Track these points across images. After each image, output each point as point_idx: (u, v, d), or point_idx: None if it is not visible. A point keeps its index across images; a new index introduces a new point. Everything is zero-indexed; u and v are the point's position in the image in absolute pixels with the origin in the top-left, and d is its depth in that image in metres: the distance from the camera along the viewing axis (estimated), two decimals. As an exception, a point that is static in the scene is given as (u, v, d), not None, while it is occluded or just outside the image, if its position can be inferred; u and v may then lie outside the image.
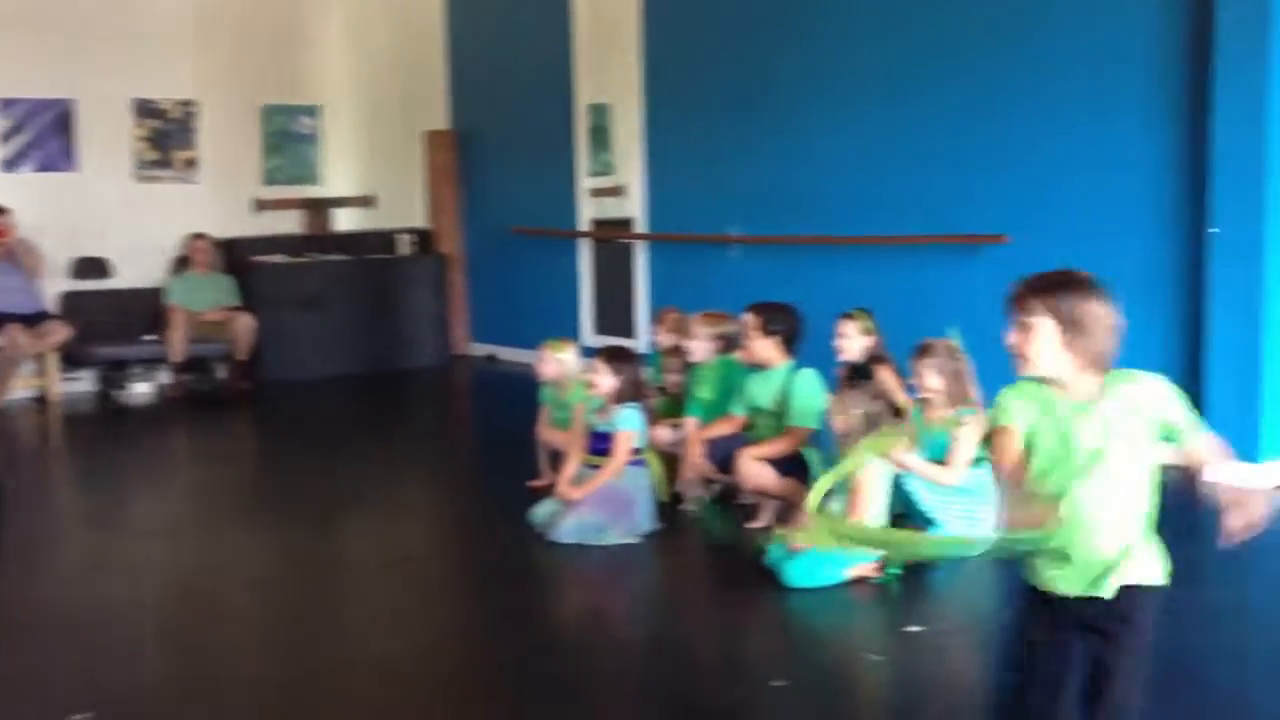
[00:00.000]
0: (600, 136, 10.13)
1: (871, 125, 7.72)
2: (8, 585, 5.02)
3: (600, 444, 5.48)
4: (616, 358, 5.57)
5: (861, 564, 4.65)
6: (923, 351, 5.03)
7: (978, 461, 4.98)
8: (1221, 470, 2.69)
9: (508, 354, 10.61)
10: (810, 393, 5.52)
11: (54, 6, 9.93)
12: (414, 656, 4.17)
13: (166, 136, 10.62)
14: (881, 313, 6.16)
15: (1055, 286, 2.58)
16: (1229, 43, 5.75)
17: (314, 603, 4.83)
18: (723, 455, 5.65)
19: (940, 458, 4.97)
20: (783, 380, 5.59)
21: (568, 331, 7.92)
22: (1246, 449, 5.34)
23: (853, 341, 5.83)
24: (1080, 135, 6.57)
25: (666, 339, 6.67)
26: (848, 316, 5.87)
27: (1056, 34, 6.65)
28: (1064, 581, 2.53)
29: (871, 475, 4.71)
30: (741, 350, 5.76)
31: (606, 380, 5.46)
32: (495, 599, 4.83)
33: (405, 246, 11.15)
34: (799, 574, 4.60)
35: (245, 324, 9.86)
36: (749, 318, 5.69)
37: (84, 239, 10.05)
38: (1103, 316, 2.54)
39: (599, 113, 10.09)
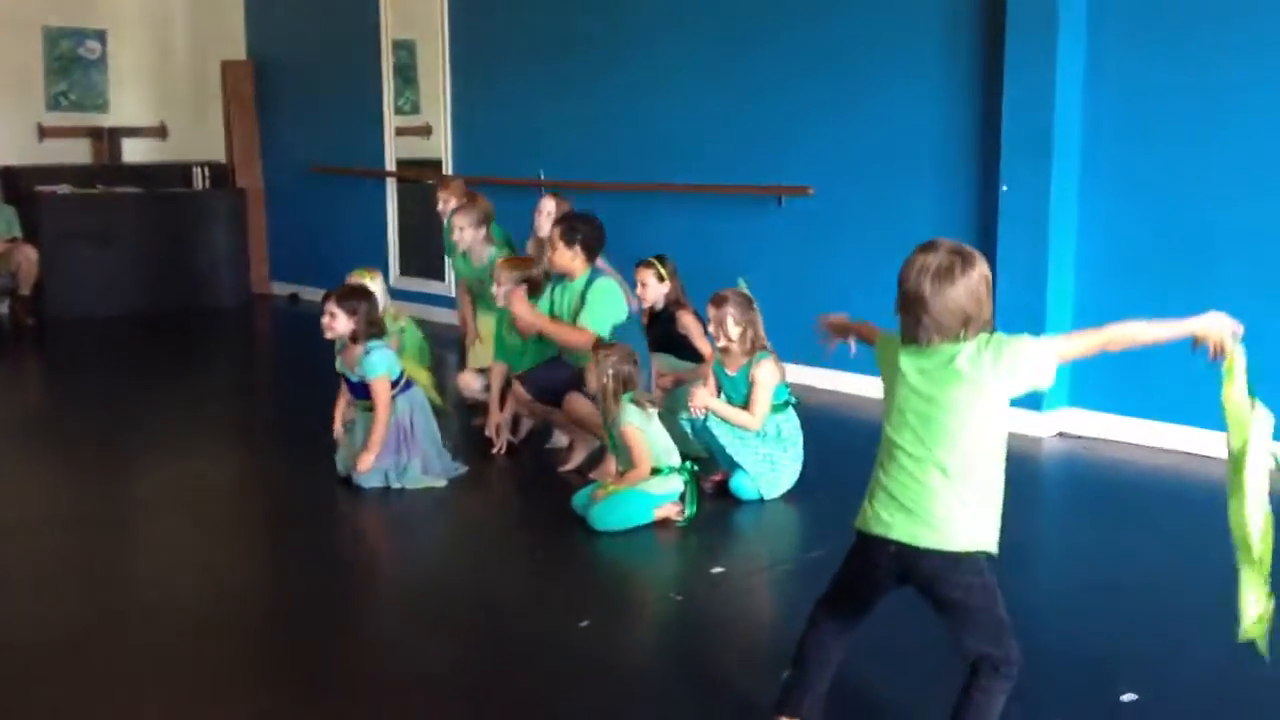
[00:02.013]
0: (407, 74, 9.95)
1: (681, 75, 7.80)
2: None
3: (362, 391, 5.32)
4: (350, 297, 5.29)
5: (667, 504, 4.78)
6: (719, 302, 5.13)
7: (778, 407, 5.15)
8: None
9: (311, 294, 10.39)
10: (606, 300, 5.47)
11: None
12: (202, 600, 4.10)
13: (-62, 55, 9.99)
14: (689, 261, 6.27)
15: None
16: (1019, 9, 6.00)
17: (97, 546, 4.68)
18: (538, 389, 5.65)
19: (741, 404, 5.11)
20: (581, 288, 5.55)
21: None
22: (1031, 399, 5.66)
23: (651, 289, 5.91)
24: (882, 94, 6.78)
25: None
26: (645, 264, 5.96)
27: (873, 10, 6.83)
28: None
29: (634, 431, 4.80)
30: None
31: (341, 322, 5.24)
32: (291, 543, 4.77)
33: (200, 180, 10.76)
34: (605, 517, 4.70)
35: (28, 257, 9.39)
36: (552, 229, 5.70)
37: None
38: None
39: (405, 49, 9.89)
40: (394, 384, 5.32)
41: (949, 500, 2.62)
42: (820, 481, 5.24)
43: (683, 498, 4.85)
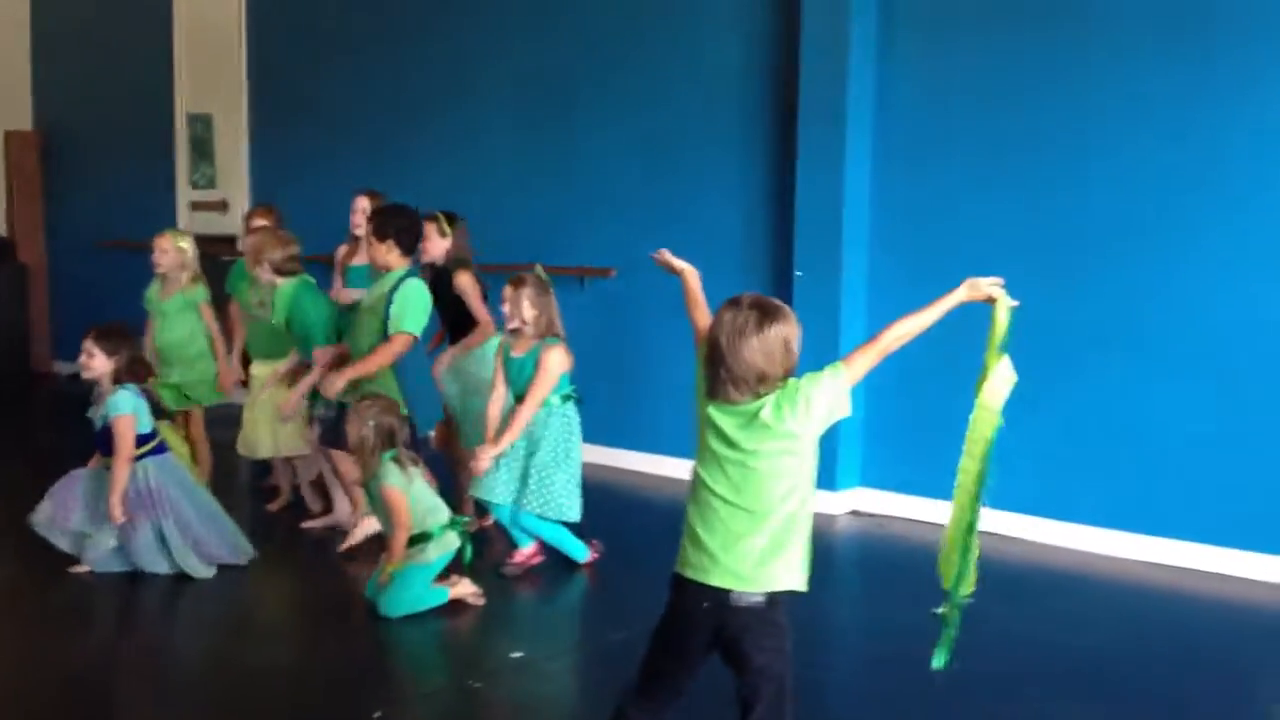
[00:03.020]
0: (203, 148, 9.71)
1: (485, 153, 7.83)
2: None
3: (106, 442, 4.96)
4: (110, 335, 4.98)
5: (462, 583, 4.69)
6: (517, 283, 5.07)
7: (564, 398, 5.12)
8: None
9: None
10: (416, 300, 5.25)
11: None
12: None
13: None
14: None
15: None
16: (810, 100, 6.23)
17: None
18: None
19: (524, 386, 5.04)
20: (390, 286, 5.28)
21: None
22: (825, 479, 5.78)
23: (433, 244, 5.67)
24: (684, 179, 6.94)
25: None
26: (430, 217, 5.70)
27: (666, 84, 7.00)
28: None
29: (395, 493, 4.63)
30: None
31: (98, 361, 4.94)
32: (51, 646, 4.50)
33: (-19, 253, 10.26)
34: (395, 603, 4.57)
35: None
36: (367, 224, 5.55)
37: None
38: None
39: (201, 123, 9.67)
40: (143, 438, 4.98)
41: (762, 546, 2.64)
42: (621, 562, 5.23)
43: (460, 555, 4.74)
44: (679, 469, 6.88)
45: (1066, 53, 5.63)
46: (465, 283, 5.61)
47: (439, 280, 5.67)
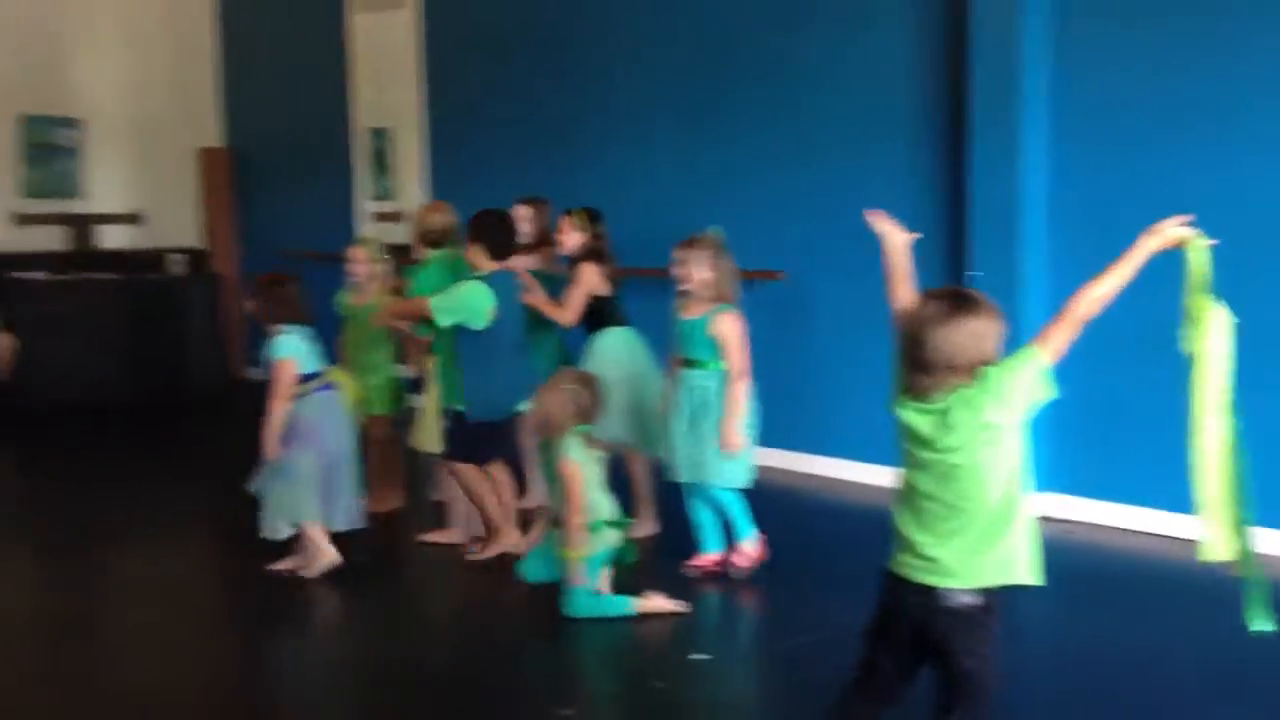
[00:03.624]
0: (381, 161, 10.05)
1: (655, 160, 7.92)
2: None
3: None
4: (265, 284, 5.30)
5: (655, 597, 4.68)
6: (691, 244, 5.05)
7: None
8: None
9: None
10: (465, 295, 5.24)
11: None
12: (167, 690, 4.09)
13: (-86, 144, 10.01)
14: (658, 344, 6.26)
15: None
16: (983, 94, 6.15)
17: (67, 640, 4.66)
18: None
19: (698, 348, 5.05)
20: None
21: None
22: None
23: (568, 237, 5.84)
24: (853, 181, 6.90)
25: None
26: (566, 213, 5.91)
27: (832, 85, 6.98)
28: None
29: (574, 467, 4.64)
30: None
31: (251, 304, 5.22)
32: (266, 638, 4.75)
33: (177, 266, 10.79)
34: (574, 601, 4.63)
35: (4, 344, 9.35)
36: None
37: None
38: None
39: (379, 136, 10.01)
40: (307, 377, 5.16)
41: (971, 541, 2.64)
42: (801, 567, 5.25)
43: (620, 557, 4.76)
44: (849, 471, 6.89)
45: (1260, 22, 5.39)
46: (581, 271, 5.70)
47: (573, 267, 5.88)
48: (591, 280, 5.71)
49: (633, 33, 8.04)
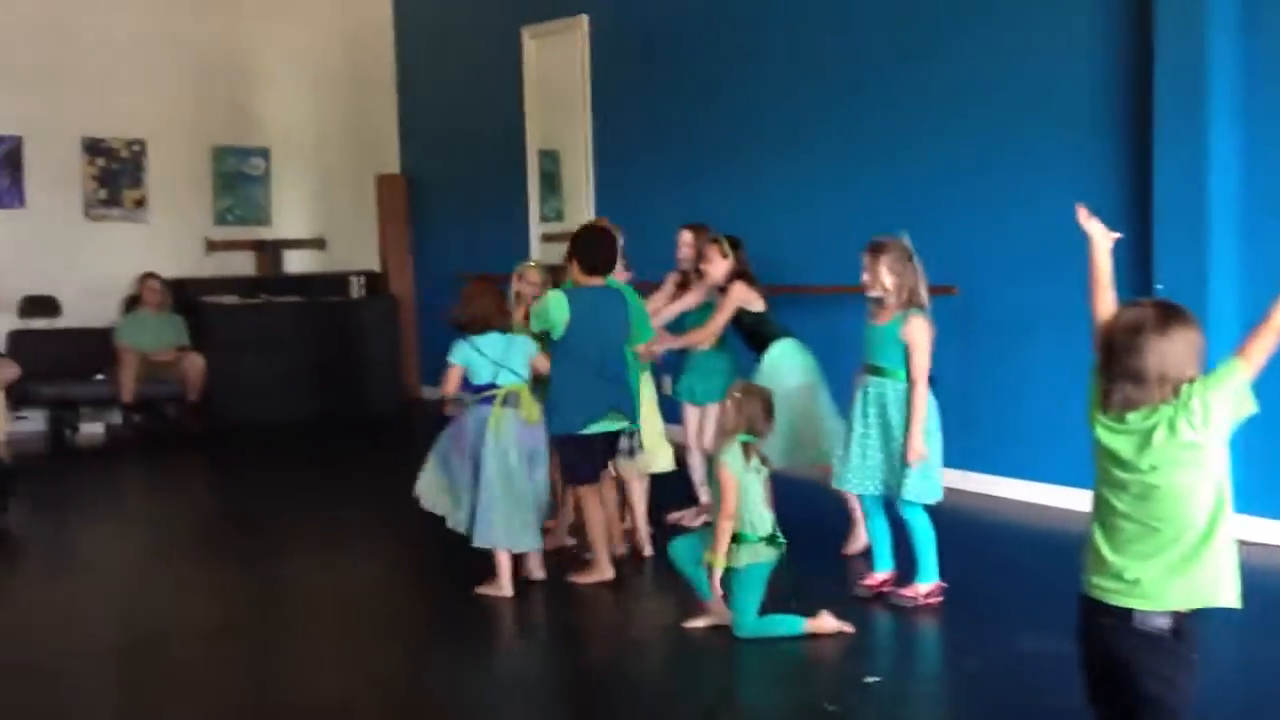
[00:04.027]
0: (550, 182, 10.23)
1: (821, 176, 7.88)
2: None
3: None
4: (463, 293, 5.47)
5: (824, 617, 4.63)
6: (876, 249, 4.99)
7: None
8: None
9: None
10: (547, 306, 5.35)
11: (2, 43, 9.89)
12: (358, 701, 4.19)
13: (116, 175, 10.56)
14: (830, 364, 6.21)
15: None
16: (1168, 101, 5.94)
17: (256, 651, 4.84)
18: None
19: (885, 355, 5.00)
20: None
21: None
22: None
23: (715, 265, 5.99)
24: (1028, 192, 6.74)
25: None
26: (713, 240, 6.09)
27: (1005, 96, 6.83)
28: None
29: (728, 474, 4.60)
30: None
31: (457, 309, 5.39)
32: (457, 649, 4.85)
33: (356, 289, 11.15)
34: (740, 619, 4.60)
35: (195, 365, 9.81)
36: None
37: (33, 277, 9.96)
38: None
39: (549, 159, 10.19)
40: (478, 388, 5.25)
41: (1170, 563, 2.56)
42: (971, 589, 5.13)
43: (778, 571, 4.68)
44: (1023, 492, 6.71)
45: None
46: (731, 290, 5.90)
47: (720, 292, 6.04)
48: (741, 297, 5.85)
49: (790, 53, 8.02)
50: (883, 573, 5.12)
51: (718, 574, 4.57)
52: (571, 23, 9.67)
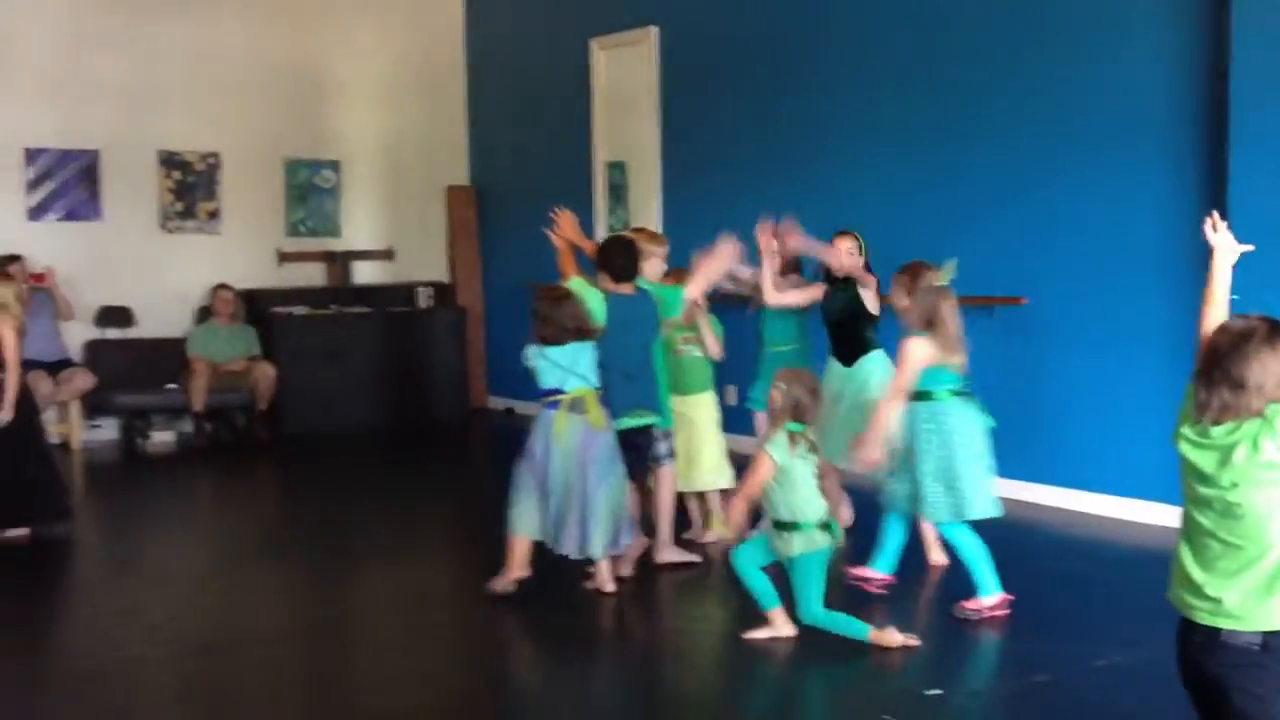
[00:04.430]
0: (618, 193, 10.24)
1: (887, 184, 7.82)
2: (34, 636, 5.08)
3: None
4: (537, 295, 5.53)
5: (890, 631, 4.57)
6: (900, 271, 5.14)
7: (938, 394, 5.02)
8: None
9: (525, 408, 10.65)
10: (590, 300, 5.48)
11: (81, 58, 10.11)
12: (431, 711, 4.20)
13: (191, 188, 10.73)
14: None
15: None
16: (1244, 110, 5.83)
17: (329, 658, 4.88)
18: None
19: None
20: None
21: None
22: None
23: (850, 257, 6.08)
24: (1098, 202, 6.64)
25: None
26: (845, 233, 6.19)
27: (1076, 102, 6.74)
28: None
29: (765, 459, 4.63)
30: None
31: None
32: (511, 651, 4.86)
33: (424, 299, 11.24)
34: (804, 608, 4.62)
35: (266, 374, 9.93)
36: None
37: (108, 288, 10.14)
38: None
39: (616, 170, 10.21)
40: (544, 392, 5.31)
41: (1258, 583, 2.53)
42: (1037, 603, 5.04)
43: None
44: (1096, 505, 6.59)
45: None
46: (870, 288, 6.02)
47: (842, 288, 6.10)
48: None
49: (856, 63, 7.99)
50: (875, 570, 5.20)
51: (727, 539, 4.58)
52: (641, 34, 9.69)
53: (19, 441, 6.52)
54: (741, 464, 5.97)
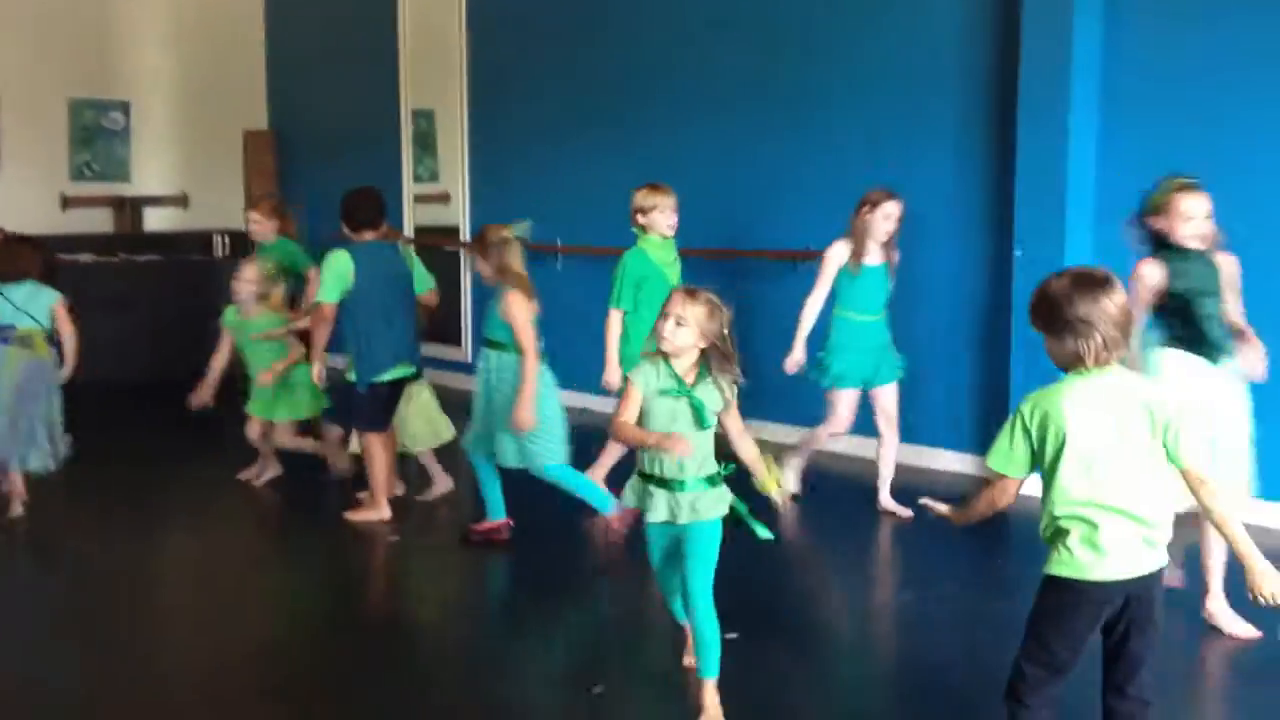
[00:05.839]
0: (425, 142, 10.05)
1: (687, 140, 7.87)
2: None
3: None
4: None
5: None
6: (474, 241, 5.51)
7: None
8: None
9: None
10: (333, 263, 5.64)
11: None
12: (211, 668, 4.10)
13: (-35, 127, 10.11)
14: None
15: None
16: (1031, 73, 6.06)
17: (111, 611, 4.73)
18: None
19: (495, 330, 5.29)
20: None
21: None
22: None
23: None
24: (894, 161, 6.81)
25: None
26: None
27: (871, 62, 6.90)
28: None
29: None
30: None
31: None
32: (301, 604, 4.76)
33: (220, 248, 10.85)
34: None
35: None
36: None
37: None
38: None
39: (424, 119, 10.01)
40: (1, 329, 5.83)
41: None
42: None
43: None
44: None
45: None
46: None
47: None
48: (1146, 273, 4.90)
49: (675, 17, 7.99)
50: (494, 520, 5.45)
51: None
52: (447, -22, 9.51)
53: None
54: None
